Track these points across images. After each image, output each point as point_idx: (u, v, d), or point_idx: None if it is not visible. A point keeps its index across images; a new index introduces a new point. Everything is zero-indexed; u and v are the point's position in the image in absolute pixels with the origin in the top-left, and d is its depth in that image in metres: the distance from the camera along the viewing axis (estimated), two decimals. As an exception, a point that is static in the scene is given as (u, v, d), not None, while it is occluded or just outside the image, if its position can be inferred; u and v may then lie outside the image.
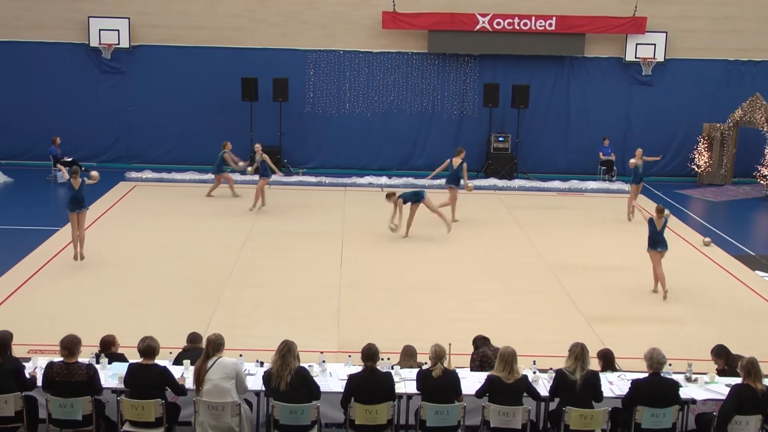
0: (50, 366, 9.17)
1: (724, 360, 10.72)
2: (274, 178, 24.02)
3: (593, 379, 9.31)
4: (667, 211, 15.35)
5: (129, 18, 24.63)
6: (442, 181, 20.71)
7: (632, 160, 20.10)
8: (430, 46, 25.12)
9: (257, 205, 20.44)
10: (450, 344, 10.63)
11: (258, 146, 20.86)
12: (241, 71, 24.53)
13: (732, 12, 25.11)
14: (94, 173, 16.57)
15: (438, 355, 9.30)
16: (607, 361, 10.60)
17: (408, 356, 10.60)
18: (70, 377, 9.04)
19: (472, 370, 10.60)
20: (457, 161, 19.57)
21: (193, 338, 10.91)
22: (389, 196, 18.32)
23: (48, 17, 24.81)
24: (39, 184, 22.90)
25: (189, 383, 9.47)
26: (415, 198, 18.36)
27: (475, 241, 18.53)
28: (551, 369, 10.01)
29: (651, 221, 15.12)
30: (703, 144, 25.03)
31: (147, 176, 24.07)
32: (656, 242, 15.06)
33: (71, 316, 13.38)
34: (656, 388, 9.24)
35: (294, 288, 15.16)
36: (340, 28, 25.21)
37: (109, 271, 15.81)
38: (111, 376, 9.72)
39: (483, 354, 10.75)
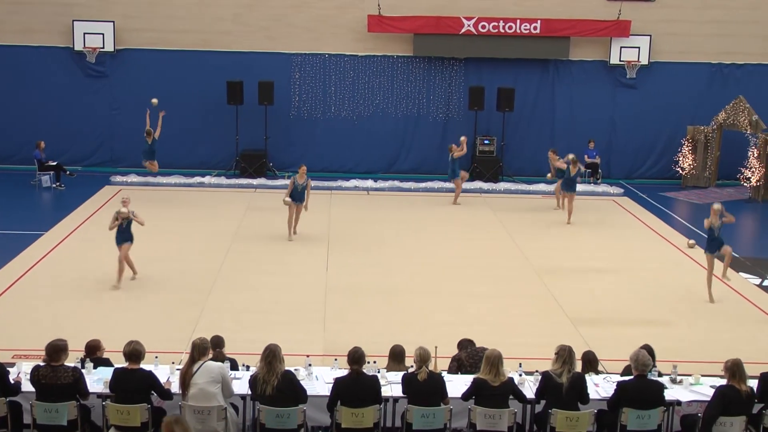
0: (36, 369, 9.15)
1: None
2: (260, 181, 24.06)
3: (579, 382, 9.35)
4: (578, 163, 20.86)
5: (114, 22, 24.55)
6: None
7: (707, 220, 15.19)
8: (415, 49, 25.14)
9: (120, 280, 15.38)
10: (436, 347, 10.62)
11: (125, 199, 16.07)
12: (227, 75, 24.47)
13: (715, 15, 25.25)
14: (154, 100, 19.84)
15: (422, 358, 9.32)
16: (590, 363, 10.61)
17: (396, 358, 10.54)
18: (56, 380, 9.02)
19: (449, 373, 10.64)
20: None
21: (216, 342, 10.61)
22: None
23: (32, 21, 24.69)
24: (23, 189, 22.78)
25: (175, 387, 9.45)
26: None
27: (461, 245, 18.55)
28: (537, 371, 10.02)
29: (568, 169, 20.31)
30: (687, 146, 25.15)
31: (132, 180, 23.99)
32: (569, 186, 20.41)
33: (56, 320, 13.34)
34: (642, 390, 9.27)
35: (280, 292, 15.15)
36: (326, 31, 25.20)
37: (94, 275, 15.73)
38: (96, 380, 9.68)
39: (458, 358, 10.77)
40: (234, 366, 10.30)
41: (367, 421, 9.16)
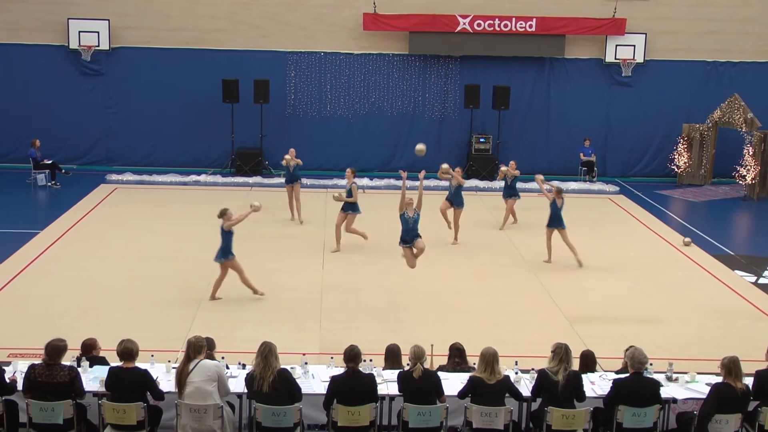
0: (32, 367, 9.12)
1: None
2: (256, 180, 24.01)
3: (575, 380, 9.33)
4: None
5: (109, 20, 24.50)
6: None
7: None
8: (410, 47, 25.13)
9: None
10: (432, 345, 10.64)
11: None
12: (222, 73, 24.46)
13: (710, 13, 25.29)
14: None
15: (417, 355, 9.28)
16: (588, 362, 10.59)
17: (392, 357, 10.53)
18: (52, 378, 8.99)
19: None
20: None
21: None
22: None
23: (27, 19, 24.63)
24: (19, 187, 22.72)
25: (166, 387, 9.46)
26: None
27: (457, 243, 18.52)
28: (533, 369, 10.03)
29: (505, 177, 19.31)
30: (682, 144, 25.17)
31: (128, 179, 23.96)
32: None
33: (52, 319, 13.31)
34: (637, 388, 9.26)
35: (276, 290, 15.10)
36: (321, 29, 25.18)
37: (90, 274, 15.72)
38: (92, 379, 9.67)
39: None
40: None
41: (363, 420, 9.13)
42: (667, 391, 9.83)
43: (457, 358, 10.67)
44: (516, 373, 10.15)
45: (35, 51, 24.78)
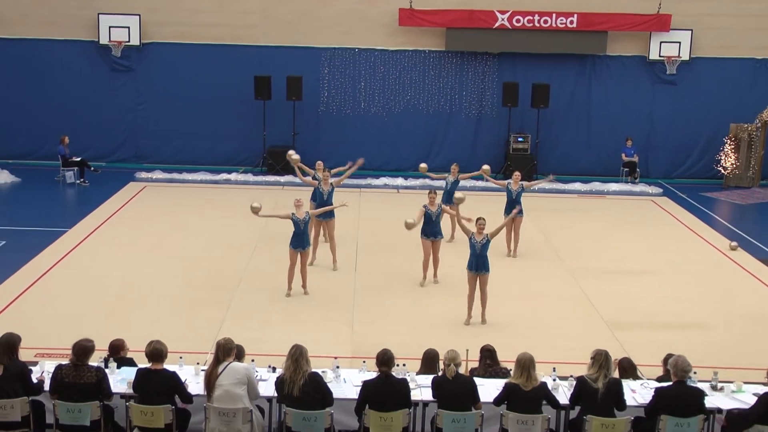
0: (59, 368, 9.11)
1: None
2: (288, 179, 23.73)
3: (616, 387, 9.13)
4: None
5: (139, 15, 24.44)
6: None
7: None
8: (447, 43, 24.84)
9: None
10: (467, 350, 10.47)
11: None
12: (254, 69, 24.33)
13: (759, 9, 24.69)
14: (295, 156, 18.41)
15: (451, 358, 9.16)
16: (626, 371, 10.36)
17: (430, 361, 10.36)
18: (79, 379, 8.97)
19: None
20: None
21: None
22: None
23: (57, 14, 24.66)
24: (47, 185, 22.70)
25: (195, 389, 9.36)
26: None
27: (493, 245, 18.11)
28: (572, 376, 9.82)
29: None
30: (729, 145, 24.62)
31: (157, 176, 23.85)
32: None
33: (79, 319, 13.26)
34: (680, 397, 9.02)
35: (307, 292, 14.88)
36: (356, 25, 24.96)
37: (119, 273, 15.67)
38: (120, 380, 9.64)
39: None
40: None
41: (396, 426, 8.98)
42: (711, 401, 9.57)
43: (488, 360, 10.57)
44: (554, 379, 9.96)
45: (65, 46, 24.78)
